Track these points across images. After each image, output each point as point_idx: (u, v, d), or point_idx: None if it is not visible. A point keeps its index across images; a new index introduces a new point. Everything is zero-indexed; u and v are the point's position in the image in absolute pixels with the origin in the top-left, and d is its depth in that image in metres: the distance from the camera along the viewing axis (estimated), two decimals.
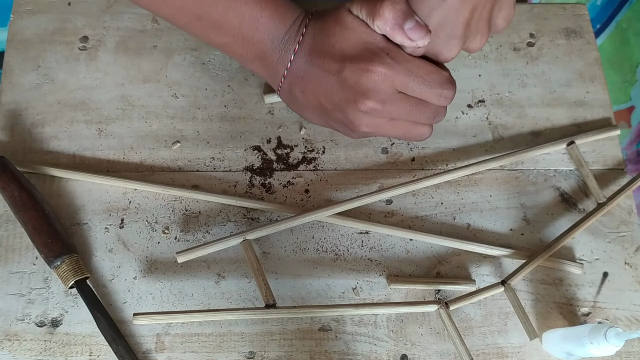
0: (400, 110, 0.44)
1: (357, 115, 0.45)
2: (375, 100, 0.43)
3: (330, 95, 0.45)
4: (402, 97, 0.44)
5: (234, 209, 0.51)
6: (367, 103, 0.43)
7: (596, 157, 0.55)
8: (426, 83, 0.42)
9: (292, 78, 0.47)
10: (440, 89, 0.43)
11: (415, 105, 0.44)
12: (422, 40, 0.41)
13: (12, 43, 0.55)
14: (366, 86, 0.42)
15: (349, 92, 0.44)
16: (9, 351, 0.45)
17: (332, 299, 0.48)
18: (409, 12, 0.41)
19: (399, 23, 0.41)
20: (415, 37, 0.41)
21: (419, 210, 0.52)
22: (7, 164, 0.48)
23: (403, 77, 0.42)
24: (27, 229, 0.47)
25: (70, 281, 0.45)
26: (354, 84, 0.43)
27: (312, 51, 0.45)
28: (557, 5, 0.61)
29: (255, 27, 0.46)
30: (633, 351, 0.48)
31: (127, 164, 0.52)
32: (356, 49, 0.43)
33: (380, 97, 0.43)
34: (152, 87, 0.55)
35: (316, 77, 0.45)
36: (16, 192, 0.47)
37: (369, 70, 0.42)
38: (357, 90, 0.43)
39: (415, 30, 0.41)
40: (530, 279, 0.50)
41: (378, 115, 0.44)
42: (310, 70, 0.45)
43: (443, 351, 0.47)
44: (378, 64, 0.42)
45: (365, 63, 0.42)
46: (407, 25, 0.41)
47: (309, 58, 0.45)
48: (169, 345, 0.46)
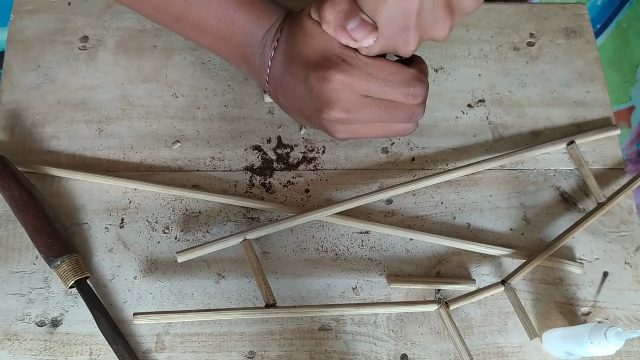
0: (369, 115, 0.42)
1: (329, 124, 0.43)
2: (338, 110, 0.41)
3: (303, 103, 0.43)
4: (369, 101, 0.41)
5: (234, 209, 0.51)
6: (330, 113, 0.41)
7: (596, 157, 0.55)
8: (389, 84, 0.40)
9: (273, 83, 0.46)
10: (405, 87, 0.40)
11: (386, 108, 0.42)
12: (367, 39, 0.39)
13: (12, 43, 0.55)
14: (328, 95, 0.41)
15: (316, 101, 0.42)
16: (9, 351, 0.45)
17: (332, 298, 0.48)
18: (350, 11, 0.38)
19: (340, 24, 0.39)
20: (359, 37, 0.38)
21: (419, 210, 0.52)
22: (7, 163, 0.48)
23: (363, 82, 0.40)
24: (27, 228, 0.47)
25: (70, 281, 0.45)
26: (317, 94, 0.41)
27: (285, 57, 0.43)
28: (557, 5, 0.61)
29: (232, 29, 0.45)
30: (633, 350, 0.48)
31: (127, 163, 0.52)
32: (316, 56, 0.41)
33: (343, 106, 0.41)
34: (152, 87, 0.55)
35: (290, 84, 0.44)
36: (16, 191, 0.47)
37: (327, 79, 0.40)
38: (321, 99, 0.41)
39: (358, 30, 0.38)
40: (530, 279, 0.50)
41: (347, 122, 0.43)
42: (285, 77, 0.44)
43: (443, 351, 0.47)
44: (334, 71, 0.39)
45: (323, 71, 0.40)
46: (350, 25, 0.38)
47: (284, 64, 0.44)
48: (169, 345, 0.46)
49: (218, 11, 0.45)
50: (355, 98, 0.41)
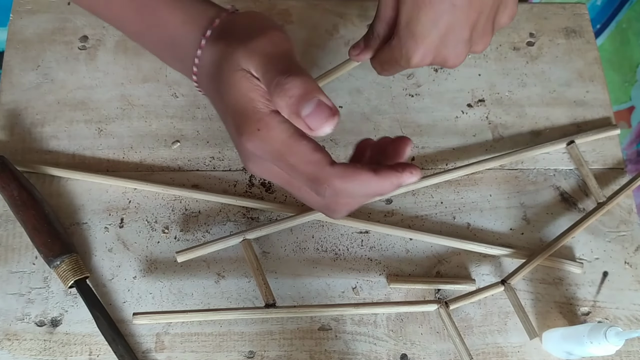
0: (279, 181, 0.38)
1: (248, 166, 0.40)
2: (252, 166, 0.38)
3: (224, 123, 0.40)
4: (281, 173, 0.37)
5: (234, 209, 0.51)
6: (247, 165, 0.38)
7: (596, 157, 0.55)
8: (295, 173, 0.35)
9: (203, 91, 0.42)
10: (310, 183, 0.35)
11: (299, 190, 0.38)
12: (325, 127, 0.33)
13: (12, 43, 0.55)
14: (240, 151, 0.38)
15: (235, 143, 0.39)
16: (9, 351, 0.45)
17: (331, 298, 0.48)
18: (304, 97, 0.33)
19: (294, 111, 0.33)
20: (315, 126, 0.33)
21: (418, 210, 0.52)
22: (6, 163, 0.48)
23: (270, 159, 0.35)
24: (27, 228, 0.47)
25: (70, 281, 0.45)
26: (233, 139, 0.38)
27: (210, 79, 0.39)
28: (557, 5, 0.61)
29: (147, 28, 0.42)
30: (633, 350, 0.48)
31: (126, 163, 0.52)
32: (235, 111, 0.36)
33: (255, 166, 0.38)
34: (152, 86, 0.55)
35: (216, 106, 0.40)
36: (16, 191, 0.47)
37: (238, 141, 0.36)
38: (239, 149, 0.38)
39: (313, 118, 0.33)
40: (530, 279, 0.50)
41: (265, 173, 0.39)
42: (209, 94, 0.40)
43: (443, 350, 0.47)
44: (246, 139, 0.35)
45: (237, 132, 0.36)
46: (304, 111, 0.33)
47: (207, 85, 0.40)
48: (169, 345, 0.46)
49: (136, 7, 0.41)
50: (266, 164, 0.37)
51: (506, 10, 0.42)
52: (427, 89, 0.56)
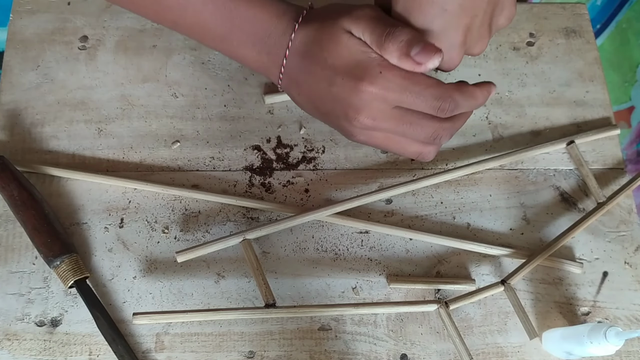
0: (394, 127, 0.43)
1: (349, 127, 0.43)
2: (366, 117, 0.42)
3: (323, 103, 0.44)
4: (397, 113, 0.42)
5: (234, 209, 0.51)
6: (357, 119, 0.42)
7: (596, 157, 0.55)
8: (421, 98, 0.41)
9: (288, 80, 0.46)
10: (436, 102, 0.41)
11: (411, 124, 0.42)
12: (433, 61, 0.39)
13: (12, 43, 0.55)
14: (357, 103, 0.41)
15: (340, 105, 0.42)
16: (9, 351, 0.45)
17: (331, 298, 0.48)
18: (412, 40, 0.40)
19: (404, 53, 0.40)
20: (424, 60, 0.39)
21: (418, 210, 0.52)
22: (6, 163, 0.48)
23: (395, 94, 0.40)
24: (27, 228, 0.47)
25: (70, 281, 0.45)
26: (344, 100, 0.42)
27: (304, 57, 0.44)
28: (557, 5, 0.61)
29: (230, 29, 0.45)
30: (633, 350, 0.48)
31: (126, 163, 0.52)
32: (348, 65, 0.41)
33: (371, 114, 0.42)
34: (152, 86, 0.55)
35: (309, 84, 0.44)
36: (15, 191, 0.47)
37: (358, 89, 0.40)
38: (348, 105, 0.42)
39: (422, 55, 0.39)
40: (530, 279, 0.50)
41: (371, 129, 0.43)
42: (303, 76, 0.44)
43: (443, 350, 0.47)
44: (368, 83, 0.40)
45: (355, 81, 0.41)
46: (413, 51, 0.39)
47: (302, 64, 0.44)
48: (169, 345, 0.46)
49: (215, 9, 0.45)
50: (384, 108, 0.41)
51: (503, 12, 0.43)
52: None
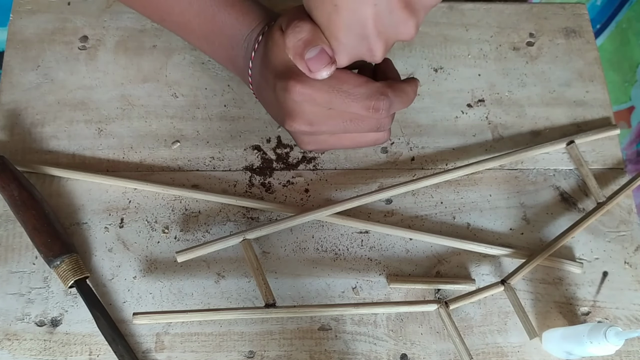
0: (334, 127, 0.42)
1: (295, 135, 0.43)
2: (300, 122, 0.41)
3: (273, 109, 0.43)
4: (332, 113, 0.41)
5: (234, 209, 0.51)
6: (293, 125, 0.41)
7: (596, 157, 0.55)
8: (351, 97, 0.39)
9: (254, 85, 0.46)
10: (367, 101, 0.39)
11: (350, 120, 0.41)
12: (322, 72, 0.38)
13: (12, 43, 0.55)
14: (291, 107, 0.40)
15: (281, 110, 0.42)
16: (9, 351, 0.45)
17: (331, 298, 0.48)
18: (310, 40, 0.38)
19: (299, 52, 0.38)
20: (315, 69, 0.38)
21: (418, 210, 0.52)
22: (6, 163, 0.48)
23: (324, 94, 0.39)
24: (27, 228, 0.47)
25: (70, 281, 0.45)
26: (282, 104, 0.41)
27: (261, 63, 0.43)
28: (557, 5, 0.61)
29: (213, 30, 0.45)
30: (633, 350, 0.48)
31: (126, 163, 0.52)
32: (281, 66, 0.40)
33: (306, 118, 0.41)
34: (152, 86, 0.55)
35: (264, 89, 0.44)
36: (16, 191, 0.47)
37: (288, 91, 0.39)
38: (285, 110, 0.41)
39: (315, 61, 0.37)
40: (530, 279, 0.50)
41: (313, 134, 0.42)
42: (260, 81, 0.44)
43: (443, 350, 0.47)
44: (294, 82, 0.39)
45: (285, 82, 0.40)
46: (308, 54, 0.38)
47: (260, 69, 0.44)
48: (169, 345, 0.46)
49: (199, 11, 0.45)
50: (318, 110, 0.40)
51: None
52: (426, 89, 0.56)
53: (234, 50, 0.46)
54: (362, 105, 0.40)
